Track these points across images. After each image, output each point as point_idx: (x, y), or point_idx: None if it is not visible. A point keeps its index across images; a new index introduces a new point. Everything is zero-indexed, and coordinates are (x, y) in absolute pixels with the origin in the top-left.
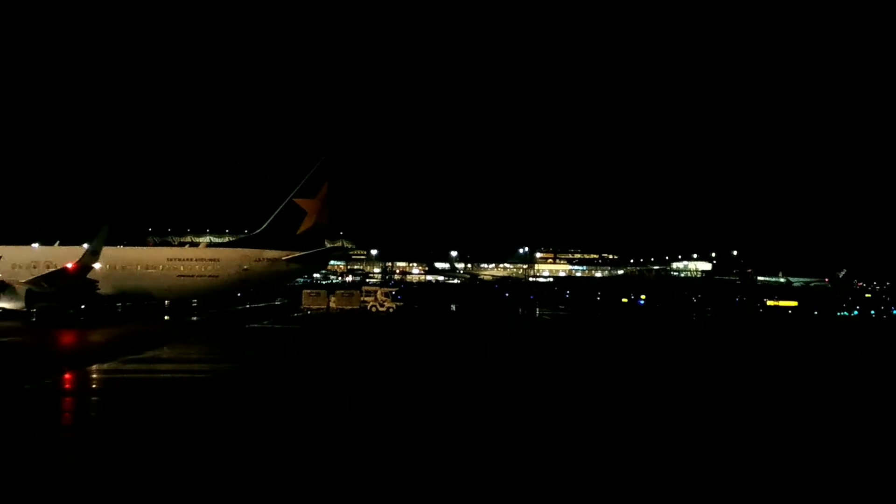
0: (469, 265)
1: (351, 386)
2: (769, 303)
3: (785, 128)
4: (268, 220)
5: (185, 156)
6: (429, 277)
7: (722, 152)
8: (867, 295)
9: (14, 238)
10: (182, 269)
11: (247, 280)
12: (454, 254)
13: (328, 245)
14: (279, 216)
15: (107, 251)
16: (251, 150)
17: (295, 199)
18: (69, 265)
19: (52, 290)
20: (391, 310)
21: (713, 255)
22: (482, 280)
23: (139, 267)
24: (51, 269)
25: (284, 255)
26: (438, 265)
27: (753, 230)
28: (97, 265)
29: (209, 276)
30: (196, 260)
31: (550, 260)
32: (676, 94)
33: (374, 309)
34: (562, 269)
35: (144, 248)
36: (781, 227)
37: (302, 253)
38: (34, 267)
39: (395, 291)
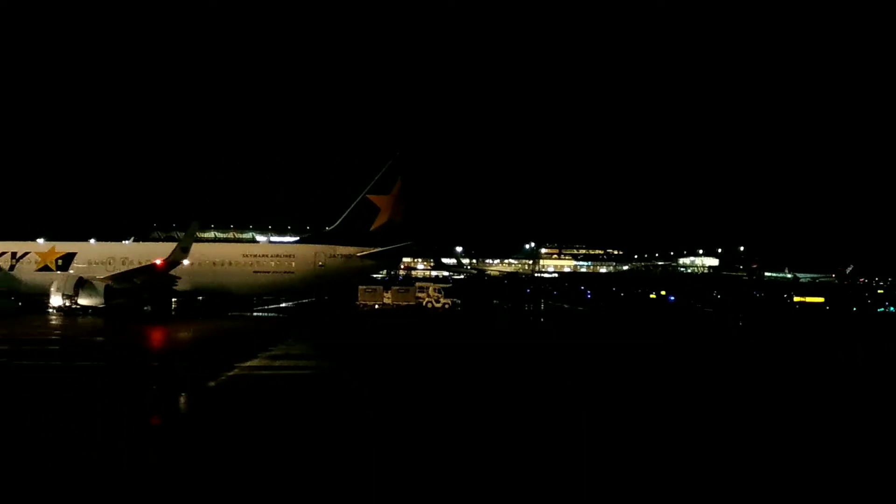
0: (474, 260)
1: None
2: (797, 299)
3: (789, 124)
4: (341, 217)
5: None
6: (434, 273)
7: (728, 148)
8: (879, 291)
9: (59, 234)
10: (257, 265)
11: (322, 276)
12: (459, 249)
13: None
14: (353, 212)
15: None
16: (251, 147)
17: (368, 196)
18: (158, 261)
19: (132, 286)
20: (446, 306)
21: (719, 250)
22: (489, 275)
23: (214, 263)
24: (127, 266)
25: (358, 252)
26: (444, 260)
27: (759, 226)
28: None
29: (284, 272)
30: (271, 256)
31: (555, 255)
32: (680, 91)
33: (429, 305)
34: (566, 264)
35: (219, 243)
36: (786, 224)
37: (376, 249)
38: (109, 263)
39: (446, 288)
